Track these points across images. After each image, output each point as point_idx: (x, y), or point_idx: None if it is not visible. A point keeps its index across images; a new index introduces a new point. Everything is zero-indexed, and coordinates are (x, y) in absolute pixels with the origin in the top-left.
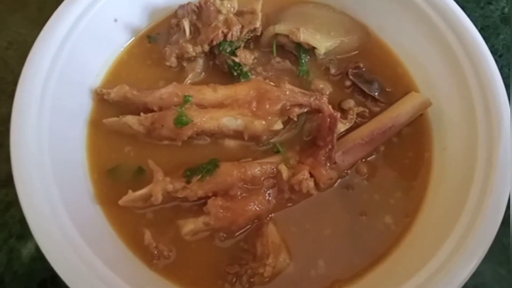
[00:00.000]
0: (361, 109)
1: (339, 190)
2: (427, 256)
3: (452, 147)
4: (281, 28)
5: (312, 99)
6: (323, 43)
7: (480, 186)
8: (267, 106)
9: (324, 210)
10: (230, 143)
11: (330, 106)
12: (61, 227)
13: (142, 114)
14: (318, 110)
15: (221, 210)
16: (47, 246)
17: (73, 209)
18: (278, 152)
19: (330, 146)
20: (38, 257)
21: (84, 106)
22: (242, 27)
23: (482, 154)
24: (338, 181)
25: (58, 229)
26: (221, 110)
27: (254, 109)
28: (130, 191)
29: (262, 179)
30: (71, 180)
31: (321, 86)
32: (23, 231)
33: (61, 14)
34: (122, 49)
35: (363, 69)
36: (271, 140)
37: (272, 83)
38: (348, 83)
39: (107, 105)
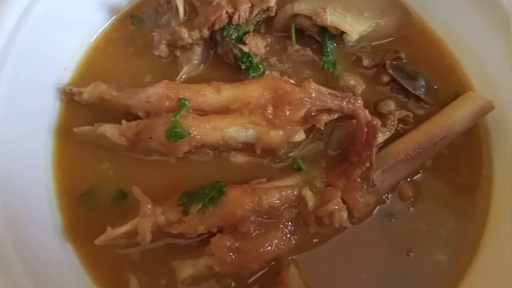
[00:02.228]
0: (403, 113)
1: (378, 220)
2: None
3: None
4: (301, 7)
5: (344, 102)
6: (355, 27)
7: None
8: (287, 112)
9: (359, 247)
10: (238, 158)
11: (367, 111)
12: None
13: (123, 121)
14: (351, 116)
15: (229, 253)
16: None
17: (31, 250)
18: (299, 170)
19: (367, 164)
20: None
21: (48, 109)
22: (252, 6)
23: None
24: (377, 208)
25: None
26: (227, 118)
27: (270, 116)
28: (109, 228)
29: (281, 209)
30: (30, 210)
31: (352, 82)
32: None
33: None
34: (97, 33)
35: (404, 60)
36: (290, 154)
37: (292, 81)
38: (385, 78)
39: (78, 108)
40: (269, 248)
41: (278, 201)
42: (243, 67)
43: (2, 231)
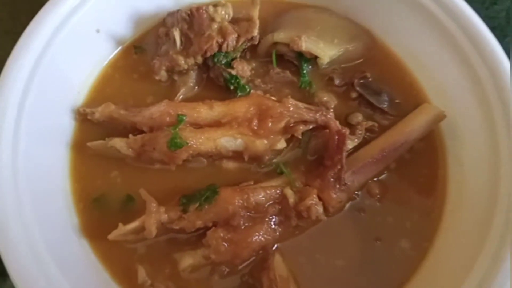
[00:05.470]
0: (370, 123)
1: (350, 214)
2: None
3: (470, 163)
4: (280, 36)
5: (318, 114)
6: (327, 52)
7: (505, 206)
8: (270, 124)
9: (335, 237)
10: (229, 165)
11: (337, 122)
12: (42, 266)
13: (130, 135)
14: (324, 127)
15: (223, 243)
16: None
17: (55, 245)
18: (282, 173)
19: (339, 166)
20: None
21: (65, 128)
22: (238, 36)
23: (506, 169)
24: (349, 204)
25: (38, 268)
26: (219, 130)
27: (255, 128)
28: (120, 224)
29: (266, 205)
30: (52, 212)
31: (325, 98)
32: (3, 267)
33: (37, 24)
34: (106, 62)
35: (370, 79)
36: (274, 161)
37: (273, 98)
38: (354, 94)
39: (91, 125)
40: (256, 238)
41: (263, 198)
42: (232, 87)
43: (36, 233)
